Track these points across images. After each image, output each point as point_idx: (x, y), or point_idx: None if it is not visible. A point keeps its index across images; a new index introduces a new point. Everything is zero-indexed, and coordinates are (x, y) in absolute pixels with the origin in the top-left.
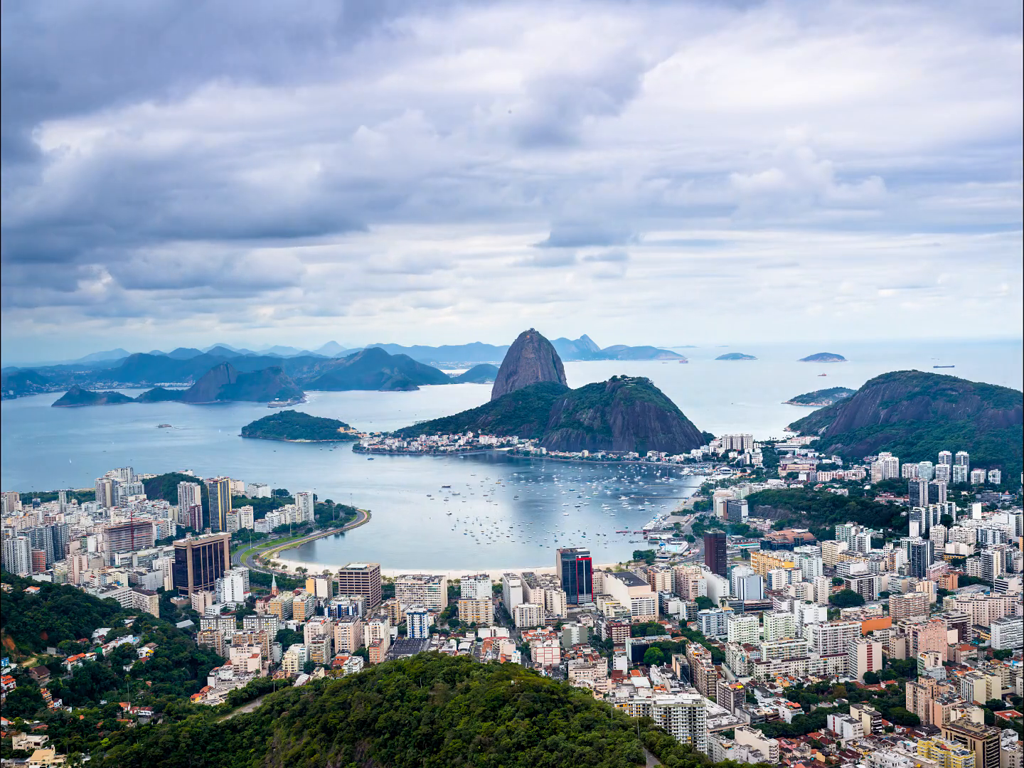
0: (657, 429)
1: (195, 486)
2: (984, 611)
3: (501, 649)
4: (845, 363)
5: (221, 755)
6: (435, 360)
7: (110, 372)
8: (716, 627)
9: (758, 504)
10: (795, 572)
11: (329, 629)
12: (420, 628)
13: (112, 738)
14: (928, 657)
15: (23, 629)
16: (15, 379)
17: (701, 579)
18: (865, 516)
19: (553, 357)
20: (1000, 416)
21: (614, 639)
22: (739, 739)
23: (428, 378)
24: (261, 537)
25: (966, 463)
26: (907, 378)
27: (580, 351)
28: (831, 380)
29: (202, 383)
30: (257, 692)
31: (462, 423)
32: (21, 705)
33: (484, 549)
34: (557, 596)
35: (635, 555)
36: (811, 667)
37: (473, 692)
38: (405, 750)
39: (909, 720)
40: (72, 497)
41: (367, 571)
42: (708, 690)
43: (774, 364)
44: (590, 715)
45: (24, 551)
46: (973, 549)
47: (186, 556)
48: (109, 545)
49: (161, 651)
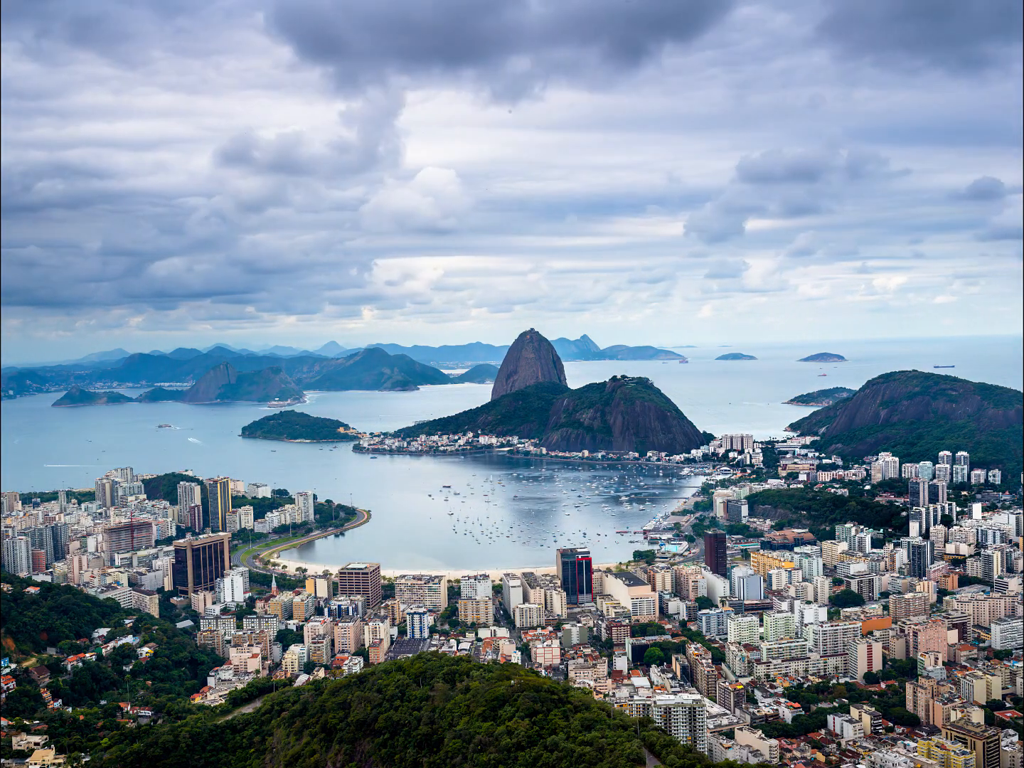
0: (657, 429)
1: (195, 486)
2: (984, 611)
3: (501, 649)
4: (845, 363)
5: (221, 755)
6: (435, 360)
7: (110, 372)
8: (716, 627)
9: (758, 504)
10: (795, 572)
11: (329, 629)
12: (420, 628)
13: (112, 738)
14: (928, 657)
15: (23, 629)
16: (15, 379)
17: (701, 579)
18: (865, 516)
19: (553, 357)
20: (1000, 416)
21: (614, 639)
22: (739, 739)
23: (428, 378)
24: (261, 537)
25: (966, 463)
26: (907, 378)
27: (580, 351)
28: (831, 380)
29: (202, 383)
30: (257, 692)
31: (462, 423)
32: (21, 705)
33: (484, 549)
34: (557, 596)
35: (635, 555)
36: (811, 667)
37: (473, 692)
38: (405, 750)
39: (909, 720)
40: (72, 497)
41: (367, 571)
42: (708, 690)
43: (774, 364)
44: (590, 715)
45: (24, 551)
46: (973, 549)
47: (186, 556)
48: (109, 545)
49: (161, 651)
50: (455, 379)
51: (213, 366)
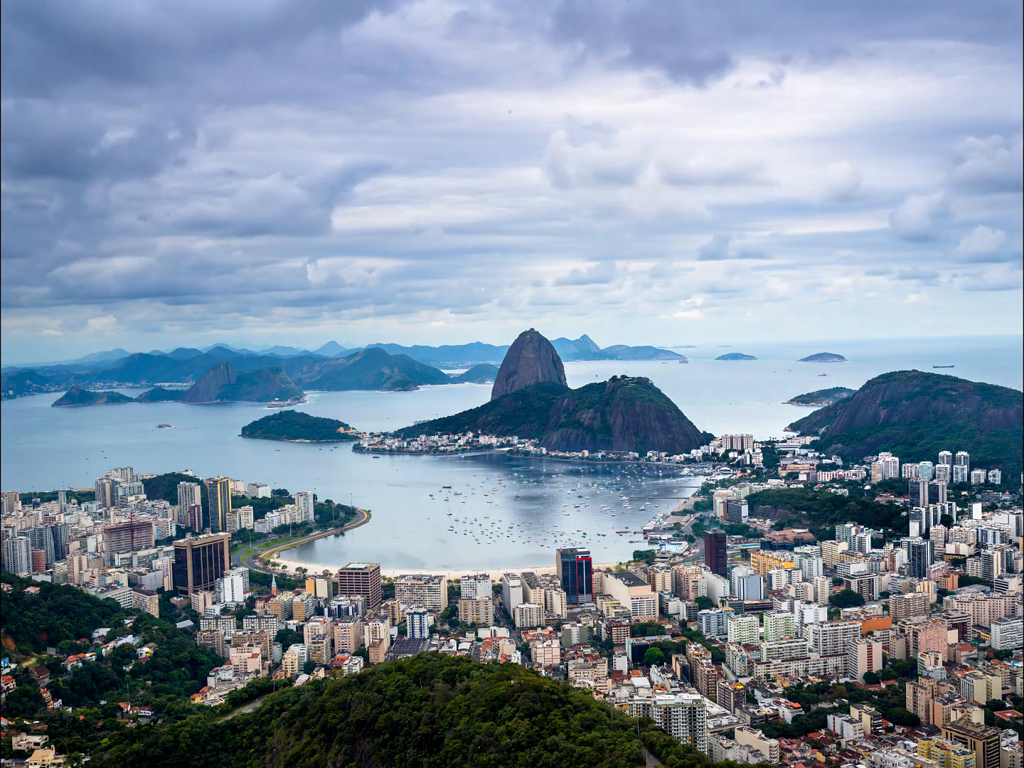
0: (657, 429)
1: (195, 486)
2: (984, 611)
3: (501, 649)
4: (845, 363)
5: (221, 755)
6: (435, 360)
7: (110, 372)
8: (716, 627)
9: (758, 504)
10: (795, 572)
11: (329, 629)
12: (420, 628)
13: (112, 738)
14: (928, 657)
15: (23, 629)
16: (15, 379)
17: (701, 579)
18: (865, 516)
19: (553, 357)
20: (1000, 416)
21: (614, 639)
22: (739, 739)
23: (428, 378)
24: (261, 537)
25: (966, 463)
26: (907, 378)
27: (580, 351)
28: (831, 380)
29: (202, 383)
30: (257, 692)
31: (462, 423)
32: (21, 705)
33: (484, 549)
34: (557, 596)
35: (635, 555)
36: (811, 667)
37: (473, 692)
38: (405, 750)
39: (909, 720)
40: (72, 497)
41: (367, 571)
42: (708, 690)
43: (774, 364)
44: (590, 715)
45: (24, 551)
46: (973, 549)
47: (186, 556)
48: (109, 545)
49: (161, 651)
50: (455, 379)
51: (213, 366)
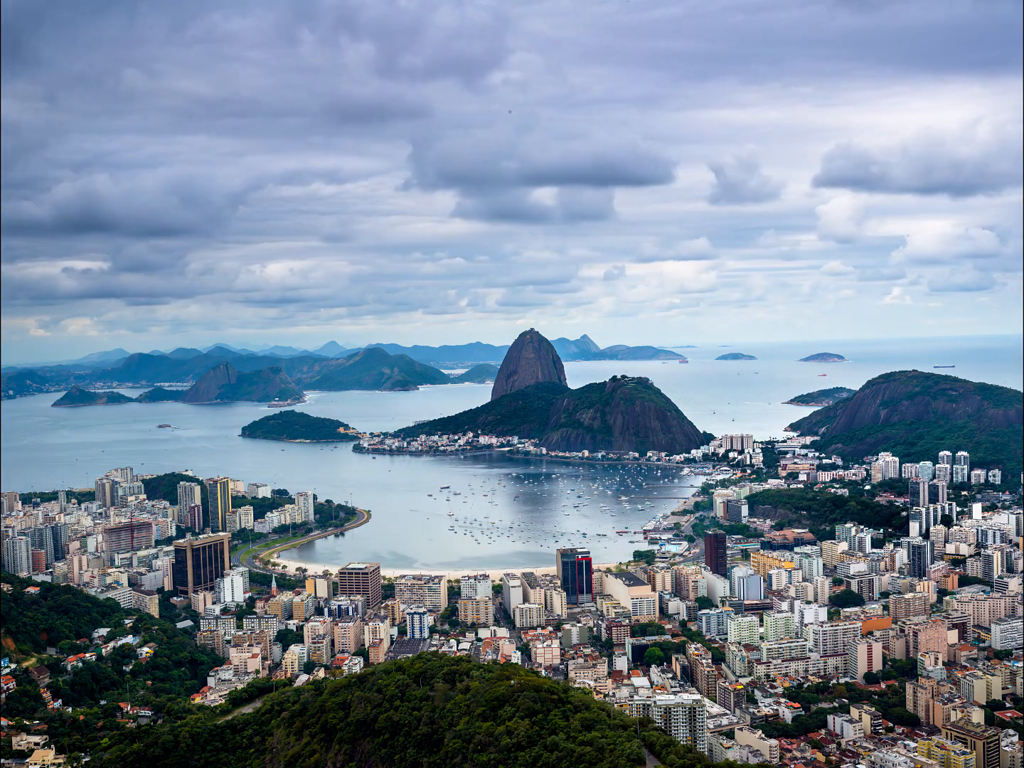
0: (657, 429)
1: (195, 486)
2: (984, 611)
3: (501, 649)
4: (845, 363)
5: (221, 755)
6: (435, 360)
7: (110, 372)
8: (716, 627)
9: (758, 504)
10: (795, 572)
11: (329, 629)
12: (420, 628)
13: (112, 738)
14: (928, 657)
15: (23, 629)
16: (15, 379)
17: (701, 579)
18: (865, 516)
19: (553, 357)
20: (1000, 416)
21: (614, 639)
22: (739, 739)
23: (428, 378)
24: (261, 537)
25: (966, 463)
26: (907, 378)
27: (580, 351)
28: (831, 380)
29: (202, 383)
30: (257, 692)
31: (462, 423)
32: (21, 705)
33: (484, 549)
34: (557, 596)
35: (635, 555)
36: (811, 667)
37: (473, 692)
38: (405, 750)
39: (909, 720)
40: (72, 497)
41: (367, 571)
42: (708, 690)
43: (774, 364)
44: (590, 715)
45: (24, 551)
46: (973, 549)
47: (186, 556)
48: (109, 545)
49: (161, 651)
50: (455, 379)
51: (213, 366)
